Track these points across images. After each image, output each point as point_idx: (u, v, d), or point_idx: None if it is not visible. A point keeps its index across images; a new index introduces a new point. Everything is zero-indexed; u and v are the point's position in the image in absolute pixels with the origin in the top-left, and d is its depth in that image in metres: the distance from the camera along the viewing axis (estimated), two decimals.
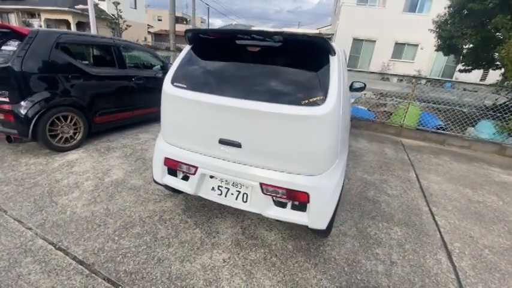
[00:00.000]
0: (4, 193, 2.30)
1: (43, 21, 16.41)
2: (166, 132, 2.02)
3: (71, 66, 3.33)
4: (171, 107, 1.92)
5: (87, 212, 2.14)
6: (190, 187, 1.94)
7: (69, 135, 3.35)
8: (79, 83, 3.41)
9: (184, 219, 2.15)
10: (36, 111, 2.97)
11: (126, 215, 2.14)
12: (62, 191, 2.41)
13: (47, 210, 2.12)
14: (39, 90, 3.04)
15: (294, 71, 1.73)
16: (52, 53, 3.13)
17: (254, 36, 1.71)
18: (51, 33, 3.22)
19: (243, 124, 1.66)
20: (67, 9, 15.36)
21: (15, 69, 2.84)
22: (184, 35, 1.90)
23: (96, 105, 3.62)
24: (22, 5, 16.41)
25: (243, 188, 1.82)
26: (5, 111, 2.91)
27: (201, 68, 1.93)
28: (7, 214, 2.03)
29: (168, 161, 2.00)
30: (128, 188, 2.56)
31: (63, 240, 1.81)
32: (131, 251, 1.77)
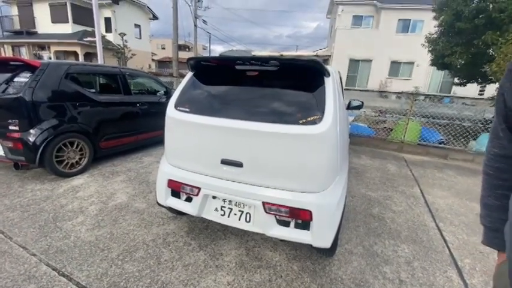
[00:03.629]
0: (10, 219, 2.32)
1: (52, 53, 17.23)
2: (169, 154, 2.07)
3: (78, 95, 3.48)
4: (175, 130, 1.99)
5: (91, 236, 2.15)
6: (194, 208, 1.95)
7: (74, 160, 3.42)
8: (86, 110, 3.54)
9: (187, 242, 2.14)
10: (44, 139, 3.07)
11: (130, 239, 2.14)
12: (67, 216, 2.43)
13: (52, 235, 2.13)
14: (47, 118, 3.16)
15: (291, 93, 1.81)
16: (61, 83, 3.29)
17: (252, 62, 1.81)
18: (61, 64, 3.40)
19: (243, 144, 1.71)
20: (76, 41, 16.16)
21: (26, 99, 2.97)
22: (186, 63, 2.02)
23: (101, 130, 3.73)
24: (33, 39, 17.33)
25: (245, 208, 1.83)
26: (14, 139, 3.01)
27: (202, 93, 2.03)
28: (12, 240, 2.04)
29: (172, 182, 2.03)
30: (132, 211, 2.57)
31: (67, 266, 1.80)
32: (135, 276, 1.75)
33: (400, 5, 17.02)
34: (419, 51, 11.70)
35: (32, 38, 17.42)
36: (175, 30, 12.64)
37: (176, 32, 12.77)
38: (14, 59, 3.26)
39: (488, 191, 0.81)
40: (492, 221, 0.80)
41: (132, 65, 17.69)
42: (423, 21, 16.56)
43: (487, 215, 0.83)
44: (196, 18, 19.32)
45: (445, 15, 7.50)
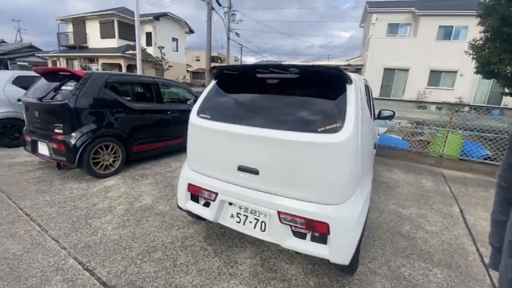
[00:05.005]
0: (48, 214, 2.54)
1: (100, 65, 18.99)
2: (190, 159, 2.13)
3: (115, 102, 3.76)
4: (196, 136, 2.05)
5: (116, 235, 2.26)
6: (211, 213, 1.96)
7: (109, 162, 3.67)
8: (121, 116, 3.81)
9: (204, 247, 2.15)
10: (83, 141, 3.35)
11: (150, 240, 2.21)
12: (97, 214, 2.60)
13: (81, 231, 2.28)
14: (87, 123, 3.45)
15: (311, 100, 1.77)
16: (101, 91, 3.59)
17: (272, 70, 1.81)
18: (102, 74, 3.73)
19: (260, 151, 1.70)
20: (120, 55, 17.67)
21: (70, 105, 3.29)
22: (210, 72, 2.09)
23: (134, 135, 3.97)
24: (84, 53, 19.31)
25: (261, 216, 1.80)
26: (58, 141, 3.32)
27: (223, 100, 2.07)
28: (47, 233, 2.23)
29: (191, 187, 2.08)
30: (155, 213, 2.67)
31: (91, 261, 1.91)
32: (151, 276, 1.80)
33: (441, 11, 16.08)
34: (463, 59, 10.86)
35: (84, 52, 19.39)
36: (208, 44, 13.23)
37: (209, 45, 13.35)
38: (63, 69, 3.64)
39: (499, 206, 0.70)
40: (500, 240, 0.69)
41: (169, 75, 18.80)
42: (467, 28, 15.42)
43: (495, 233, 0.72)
44: (229, 31, 20.07)
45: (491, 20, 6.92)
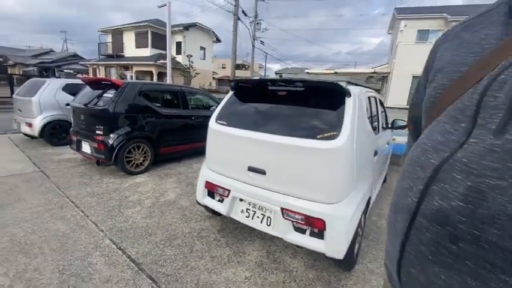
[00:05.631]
0: (89, 203, 2.98)
1: (134, 72, 20.43)
2: (208, 159, 2.44)
3: (147, 108, 4.23)
4: (213, 139, 2.35)
5: (143, 223, 2.62)
6: (224, 208, 2.24)
7: (139, 161, 4.12)
8: (152, 120, 4.26)
9: (217, 238, 2.43)
10: (119, 142, 3.82)
11: (172, 229, 2.54)
12: (128, 205, 2.99)
13: (115, 218, 2.67)
14: (123, 126, 3.93)
15: (314, 110, 2.00)
16: (136, 99, 4.07)
17: (281, 83, 2.08)
18: (136, 83, 4.22)
19: (267, 154, 1.95)
20: (152, 63, 18.93)
21: (110, 110, 3.79)
22: (228, 83, 2.40)
23: (162, 138, 4.41)
24: (120, 61, 20.91)
25: (267, 212, 2.04)
26: (98, 141, 3.83)
27: (238, 109, 2.36)
28: (88, 218, 2.64)
29: (208, 184, 2.38)
30: (177, 207, 3.01)
31: (123, 242, 2.27)
32: (170, 258, 2.10)
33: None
34: None
35: (120, 61, 21.00)
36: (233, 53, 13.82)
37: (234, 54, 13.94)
38: (104, 79, 4.19)
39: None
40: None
41: (196, 82, 19.74)
42: None
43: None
44: (254, 39, 20.67)
45: None
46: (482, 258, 0.38)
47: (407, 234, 0.48)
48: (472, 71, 0.48)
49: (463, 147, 0.43)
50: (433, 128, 0.52)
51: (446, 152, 0.45)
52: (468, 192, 0.39)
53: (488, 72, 0.45)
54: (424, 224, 0.45)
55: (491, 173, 0.38)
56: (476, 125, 0.43)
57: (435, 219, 0.43)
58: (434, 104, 0.55)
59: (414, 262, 0.47)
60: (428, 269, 0.44)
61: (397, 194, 0.55)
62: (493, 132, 0.40)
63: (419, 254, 0.46)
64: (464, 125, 0.45)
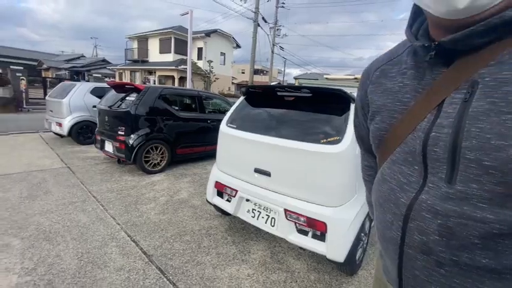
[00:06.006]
0: (108, 198, 3.19)
1: (157, 77, 21.32)
2: (218, 161, 2.56)
3: (166, 111, 4.45)
4: (224, 142, 2.47)
5: (157, 219, 2.77)
6: (231, 207, 2.34)
7: (156, 161, 4.34)
8: (170, 123, 4.48)
9: (225, 236, 2.52)
10: (139, 142, 4.05)
11: (182, 226, 2.67)
12: (144, 201, 3.17)
13: (131, 213, 2.85)
14: (143, 127, 4.17)
15: (319, 116, 2.06)
16: (155, 102, 4.31)
17: (288, 90, 2.16)
18: (157, 88, 4.47)
19: (272, 156, 2.03)
20: (174, 68, 19.66)
21: (132, 112, 4.04)
22: (239, 90, 2.51)
23: (179, 140, 4.61)
24: (145, 66, 21.94)
25: (271, 213, 2.11)
26: (120, 141, 4.08)
27: (248, 113, 2.46)
28: (107, 212, 2.84)
29: (218, 184, 2.49)
30: (189, 206, 3.14)
31: (137, 235, 2.43)
32: (179, 252, 2.22)
33: None
34: None
35: (144, 65, 22.00)
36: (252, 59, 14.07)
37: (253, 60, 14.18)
38: (128, 83, 4.48)
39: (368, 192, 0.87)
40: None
41: (215, 87, 20.23)
42: None
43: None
44: (273, 45, 20.90)
45: None
46: (464, 276, 0.47)
47: (400, 261, 0.55)
48: (406, 119, 0.54)
49: (425, 190, 0.50)
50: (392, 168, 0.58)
51: (412, 192, 0.52)
52: (440, 228, 0.47)
53: (419, 123, 0.51)
54: (412, 254, 0.52)
55: (453, 214, 0.46)
56: (429, 172, 0.50)
57: (421, 250, 0.50)
58: (382, 142, 0.61)
59: (413, 283, 0.54)
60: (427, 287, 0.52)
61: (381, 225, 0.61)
62: (444, 181, 0.47)
63: (416, 277, 0.53)
64: (417, 168, 0.51)
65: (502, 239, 0.43)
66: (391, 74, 0.60)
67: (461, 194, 0.45)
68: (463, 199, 0.45)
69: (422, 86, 0.53)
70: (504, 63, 0.42)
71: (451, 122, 0.46)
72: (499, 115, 0.41)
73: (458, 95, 0.46)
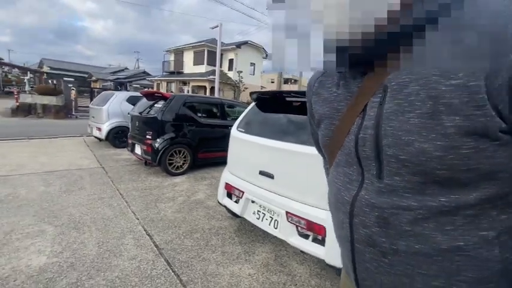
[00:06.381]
0: (133, 195, 3.47)
1: (190, 87, 22.51)
2: (229, 163, 2.68)
3: (189, 117, 4.74)
4: (233, 145, 2.59)
5: (172, 216, 2.95)
6: (239, 208, 2.43)
7: (179, 164, 4.60)
8: (193, 128, 4.75)
9: (232, 237, 2.61)
10: (164, 146, 4.36)
11: (194, 224, 2.81)
12: (163, 200, 3.40)
13: (150, 210, 3.07)
14: (168, 132, 4.48)
15: None
16: (180, 109, 4.61)
17: (294, 95, 2.22)
18: (182, 96, 4.80)
19: (275, 159, 2.10)
20: (205, 79, 20.66)
21: (158, 118, 4.37)
22: (250, 96, 2.64)
23: (201, 145, 4.85)
24: (180, 77, 23.35)
25: (274, 215, 2.16)
26: (147, 145, 4.42)
27: (257, 118, 2.56)
28: (130, 208, 3.09)
29: (227, 185, 2.60)
30: (204, 206, 3.29)
31: (152, 230, 2.61)
32: (187, 248, 2.35)
33: None
34: None
35: (179, 77, 23.40)
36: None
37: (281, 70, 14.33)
38: (156, 92, 4.86)
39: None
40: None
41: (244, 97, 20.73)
42: None
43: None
44: None
45: None
46: (404, 262, 0.50)
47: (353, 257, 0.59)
48: (341, 126, 0.59)
49: (363, 187, 0.54)
50: (337, 170, 0.63)
51: (354, 190, 0.56)
52: (378, 220, 0.51)
53: (351, 127, 0.56)
54: (361, 248, 0.56)
55: (386, 205, 0.50)
56: (364, 170, 0.54)
57: (367, 243, 0.54)
58: (327, 148, 0.67)
59: (366, 276, 0.58)
60: (377, 280, 0.55)
61: (336, 225, 0.65)
62: (375, 176, 0.52)
63: (368, 270, 0.57)
64: (356, 167, 0.56)
65: (426, 223, 0.46)
66: (327, 85, 0.65)
67: (389, 187, 0.49)
68: (391, 191, 0.49)
69: (350, 94, 0.57)
70: (401, 71, 0.47)
71: (372, 123, 0.51)
72: (404, 114, 0.45)
73: (375, 99, 0.51)
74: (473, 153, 0.42)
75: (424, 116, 0.44)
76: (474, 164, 0.42)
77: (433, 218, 0.46)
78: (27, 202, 3.03)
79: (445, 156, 0.43)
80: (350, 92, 0.58)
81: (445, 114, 0.42)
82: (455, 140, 0.41)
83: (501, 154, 0.42)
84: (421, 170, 0.45)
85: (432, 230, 0.46)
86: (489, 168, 0.43)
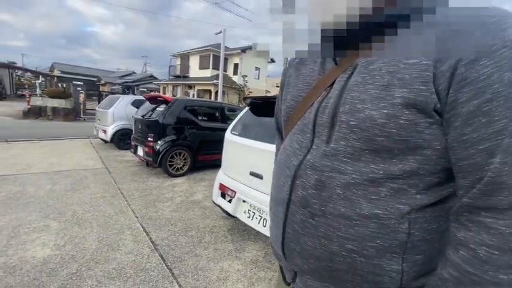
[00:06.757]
0: (133, 195, 3.63)
1: (195, 91, 22.83)
2: (223, 164, 2.81)
3: (190, 121, 4.90)
4: (227, 147, 2.73)
5: (169, 215, 3.09)
6: (231, 208, 2.55)
7: (179, 166, 4.76)
8: (193, 131, 4.91)
9: (225, 235, 2.73)
10: (164, 148, 4.52)
11: (190, 223, 2.94)
12: (162, 200, 3.54)
13: (149, 209, 3.22)
14: (169, 135, 4.64)
15: None
16: (181, 113, 4.78)
17: None
18: (183, 100, 4.97)
19: (265, 161, 2.22)
20: (211, 83, 20.96)
21: (160, 121, 4.54)
22: (243, 101, 2.77)
23: (201, 147, 5.00)
24: (186, 81, 23.72)
25: (263, 214, 2.27)
26: (149, 146, 4.59)
27: (249, 121, 2.70)
28: (130, 207, 3.25)
29: (221, 186, 2.73)
30: (200, 206, 3.43)
31: (149, 227, 2.76)
32: (181, 244, 2.48)
33: None
34: None
35: (185, 80, 23.76)
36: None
37: None
38: (158, 96, 5.05)
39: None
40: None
41: None
42: None
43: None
44: None
45: None
46: (327, 224, 0.54)
47: (285, 219, 0.61)
48: (308, 97, 0.65)
49: (310, 152, 0.59)
50: (291, 138, 0.67)
51: (301, 155, 0.60)
52: (316, 182, 0.55)
53: (316, 99, 0.62)
54: (295, 209, 0.59)
55: (326, 169, 0.55)
56: (315, 136, 0.59)
57: (301, 204, 0.58)
58: (289, 119, 0.73)
59: (292, 238, 0.60)
60: (301, 240, 0.58)
61: (275, 191, 0.68)
62: (324, 142, 0.57)
63: (295, 231, 0.59)
64: (309, 136, 0.61)
65: (356, 189, 0.52)
66: (306, 62, 0.71)
67: (334, 151, 0.54)
68: (334, 155, 0.54)
69: (324, 71, 0.64)
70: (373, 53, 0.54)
71: (336, 94, 0.56)
72: (364, 85, 0.52)
73: (344, 75, 0.57)
74: (408, 124, 0.47)
75: (379, 88, 0.50)
76: (406, 135, 0.48)
77: (362, 185, 0.51)
78: (34, 199, 3.21)
79: (386, 123, 0.48)
80: (324, 68, 0.64)
81: (397, 86, 0.48)
82: (398, 110, 0.47)
83: (430, 132, 0.48)
84: (365, 136, 0.50)
85: (359, 197, 0.51)
86: (416, 142, 0.48)
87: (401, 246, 0.50)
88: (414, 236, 0.50)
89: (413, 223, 0.50)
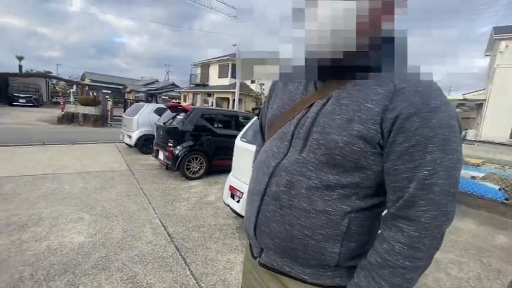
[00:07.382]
0: (154, 195, 4.02)
1: (214, 99, 23.59)
2: (233, 168, 3.11)
3: (206, 128, 5.28)
4: (237, 153, 3.03)
5: (184, 213, 3.42)
6: (239, 207, 2.83)
7: (196, 169, 5.12)
8: (209, 138, 5.27)
9: (233, 232, 3.00)
10: (183, 152, 4.91)
11: (203, 220, 3.25)
12: (179, 200, 3.89)
13: (167, 207, 3.57)
14: (187, 141, 5.03)
15: None
16: (198, 120, 5.17)
17: None
18: (200, 109, 5.37)
19: None
20: (228, 91, 21.61)
21: (179, 128, 4.95)
22: (252, 111, 3.07)
23: (216, 152, 5.35)
24: (205, 89, 24.62)
25: None
26: (169, 151, 5.01)
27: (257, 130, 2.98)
28: (150, 204, 3.62)
29: (231, 187, 3.03)
30: (213, 206, 3.73)
31: (167, 223, 3.09)
32: (194, 238, 2.79)
33: None
34: None
35: (205, 89, 24.64)
36: None
37: None
38: (179, 105, 5.50)
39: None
40: None
41: None
42: None
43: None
44: None
45: None
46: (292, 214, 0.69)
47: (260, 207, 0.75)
48: (291, 110, 0.78)
49: (286, 157, 0.72)
50: (271, 143, 0.80)
51: (279, 158, 0.73)
52: (287, 182, 0.69)
53: (296, 114, 0.74)
54: (268, 200, 0.73)
55: (296, 173, 0.68)
56: (291, 146, 0.72)
57: (273, 197, 0.72)
58: (272, 125, 0.84)
59: (263, 222, 0.74)
60: (270, 225, 0.72)
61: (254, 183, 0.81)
62: (298, 151, 0.70)
63: (266, 217, 0.73)
64: (286, 144, 0.74)
65: (316, 191, 0.66)
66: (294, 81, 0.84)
67: (304, 160, 0.68)
68: (303, 163, 0.68)
69: (306, 92, 0.77)
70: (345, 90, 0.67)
71: (312, 115, 0.69)
72: (334, 115, 0.66)
73: (321, 101, 0.70)
74: (358, 151, 0.62)
75: (344, 119, 0.63)
76: (356, 158, 0.63)
77: (321, 189, 0.66)
78: (70, 195, 3.68)
79: (344, 147, 0.62)
80: (307, 90, 0.77)
81: (356, 122, 0.62)
82: (354, 139, 0.61)
83: (372, 158, 0.63)
84: (328, 153, 0.64)
85: (317, 197, 0.66)
86: (362, 164, 0.64)
87: (341, 235, 0.67)
88: (351, 229, 0.67)
89: (351, 220, 0.66)
